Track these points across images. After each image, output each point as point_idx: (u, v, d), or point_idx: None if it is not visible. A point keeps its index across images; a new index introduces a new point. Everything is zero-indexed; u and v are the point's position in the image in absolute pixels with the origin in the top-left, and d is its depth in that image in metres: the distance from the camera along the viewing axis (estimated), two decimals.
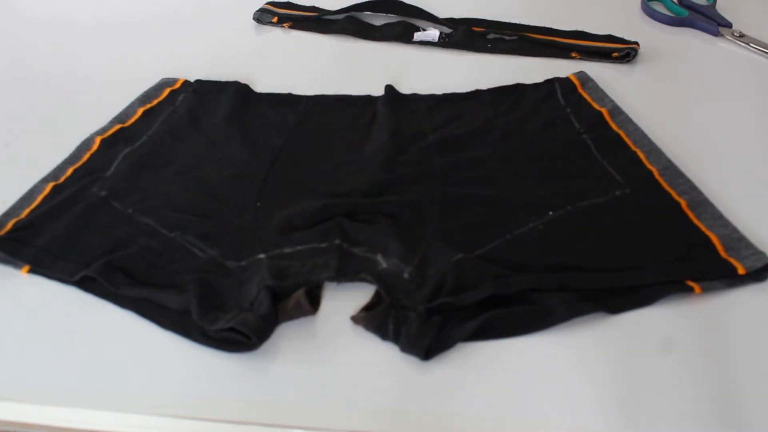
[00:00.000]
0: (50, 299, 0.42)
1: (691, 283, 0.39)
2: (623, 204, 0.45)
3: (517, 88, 0.57)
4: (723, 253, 0.40)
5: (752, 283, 0.40)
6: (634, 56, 0.61)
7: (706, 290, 0.39)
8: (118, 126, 0.55)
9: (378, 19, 0.70)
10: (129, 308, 0.41)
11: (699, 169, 0.47)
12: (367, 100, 0.58)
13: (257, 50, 0.67)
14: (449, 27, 0.67)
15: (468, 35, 0.65)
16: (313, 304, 0.40)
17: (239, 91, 0.59)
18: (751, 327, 0.38)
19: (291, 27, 0.71)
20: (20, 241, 0.44)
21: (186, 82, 0.60)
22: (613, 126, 0.52)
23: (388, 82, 0.58)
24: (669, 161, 0.48)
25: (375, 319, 0.39)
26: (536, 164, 0.49)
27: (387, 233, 0.43)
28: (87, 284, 0.42)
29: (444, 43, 0.66)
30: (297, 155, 0.52)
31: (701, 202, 0.44)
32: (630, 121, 0.52)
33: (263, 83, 0.61)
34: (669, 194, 0.45)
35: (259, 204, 0.47)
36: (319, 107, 0.57)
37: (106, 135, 0.54)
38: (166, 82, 0.61)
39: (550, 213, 0.44)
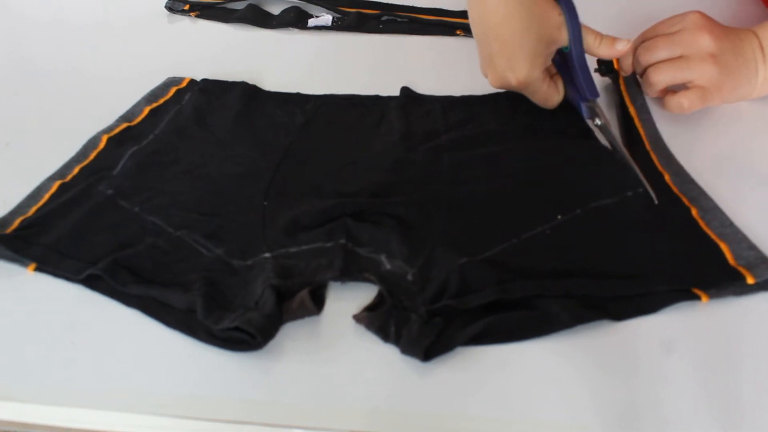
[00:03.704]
0: (55, 298, 0.42)
1: (698, 292, 0.39)
2: (634, 206, 0.44)
3: None
4: (732, 262, 0.40)
5: (761, 293, 0.39)
6: None
7: (713, 298, 0.39)
8: (125, 125, 0.55)
9: (275, 7, 0.73)
10: (135, 307, 0.41)
11: (708, 175, 0.47)
12: (375, 99, 0.58)
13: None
14: (340, 13, 0.70)
15: (360, 18, 0.69)
16: (317, 304, 0.40)
17: (246, 90, 0.59)
18: (758, 336, 0.38)
19: (197, 16, 0.73)
20: (27, 239, 0.44)
21: (192, 81, 0.60)
22: (637, 123, 0.52)
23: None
24: (680, 166, 0.48)
25: (377, 319, 0.39)
26: (548, 168, 0.49)
27: (392, 234, 0.43)
28: (93, 282, 0.42)
29: (337, 26, 0.69)
30: (304, 154, 0.52)
31: (711, 210, 0.44)
32: (651, 121, 0.52)
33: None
34: (679, 199, 0.45)
35: (265, 203, 0.47)
36: (327, 106, 0.57)
37: (112, 133, 0.54)
38: (172, 81, 0.61)
39: (559, 217, 0.44)
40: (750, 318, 0.38)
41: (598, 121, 0.50)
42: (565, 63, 0.51)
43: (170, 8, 0.74)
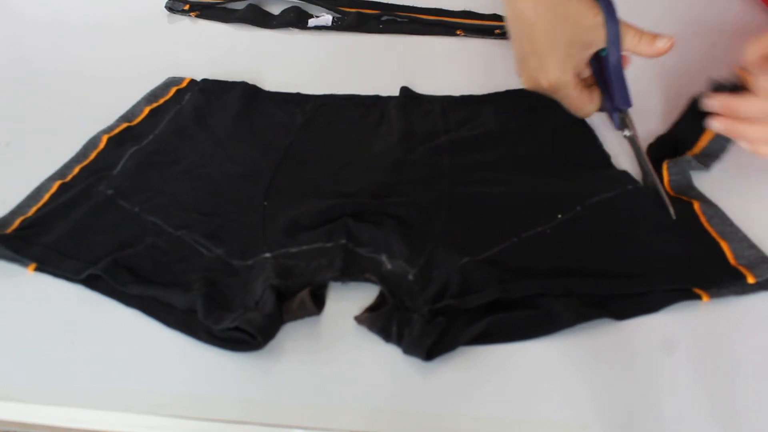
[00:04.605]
0: (55, 298, 0.42)
1: (698, 291, 0.39)
2: (634, 199, 0.44)
3: (536, 92, 0.57)
4: (732, 261, 0.40)
5: (761, 292, 0.39)
6: None
7: (714, 298, 0.39)
8: (125, 125, 0.55)
9: (275, 7, 0.73)
10: (135, 307, 0.41)
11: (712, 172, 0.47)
12: (376, 99, 0.57)
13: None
14: (340, 13, 0.70)
15: (360, 18, 0.69)
16: (317, 304, 0.40)
17: (246, 90, 0.59)
18: (758, 335, 0.38)
19: (197, 16, 0.72)
20: (27, 239, 0.44)
21: (192, 81, 0.60)
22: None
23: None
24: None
25: (379, 320, 0.39)
26: (548, 166, 0.49)
27: (392, 234, 0.43)
28: (93, 282, 0.42)
29: (337, 26, 0.69)
30: (304, 154, 0.52)
31: (711, 206, 0.44)
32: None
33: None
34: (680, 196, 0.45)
35: (265, 203, 0.47)
36: (327, 107, 0.57)
37: (113, 133, 0.54)
38: (172, 81, 0.61)
39: (559, 216, 0.44)
40: (750, 318, 0.38)
41: (627, 132, 0.47)
42: (602, 69, 0.48)
43: (170, 8, 0.74)
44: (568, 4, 0.45)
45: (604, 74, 0.48)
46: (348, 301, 0.41)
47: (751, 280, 0.39)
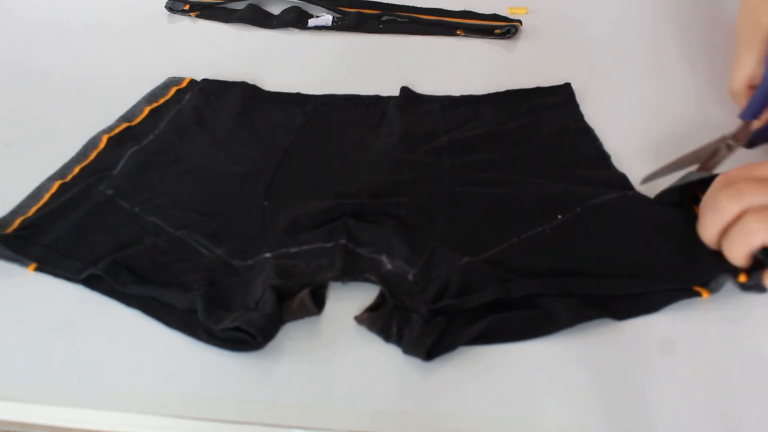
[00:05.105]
0: (55, 298, 0.42)
1: (698, 289, 0.39)
2: (633, 202, 0.44)
3: (535, 92, 0.57)
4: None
5: (761, 292, 0.39)
6: (515, 33, 0.65)
7: (713, 293, 0.39)
8: (125, 125, 0.55)
9: (275, 7, 0.73)
10: (135, 307, 0.41)
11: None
12: (376, 99, 0.57)
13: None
14: (340, 13, 0.70)
15: (360, 18, 0.69)
16: (317, 304, 0.40)
17: (246, 90, 0.59)
18: (758, 335, 0.38)
19: (197, 16, 0.73)
20: (27, 239, 0.44)
21: (192, 81, 0.60)
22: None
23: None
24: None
25: (379, 320, 0.39)
26: (548, 166, 0.49)
27: (393, 234, 0.43)
28: (93, 282, 0.42)
29: (337, 26, 0.69)
30: (305, 154, 0.52)
31: None
32: None
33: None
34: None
35: (266, 203, 0.47)
36: (327, 107, 0.57)
37: (113, 133, 0.54)
38: (172, 81, 0.61)
39: (559, 216, 0.44)
40: (750, 317, 0.38)
41: (726, 135, 0.45)
42: None
43: (170, 8, 0.74)
44: (753, 15, 0.44)
45: None
46: (348, 301, 0.41)
47: (742, 279, 0.38)
